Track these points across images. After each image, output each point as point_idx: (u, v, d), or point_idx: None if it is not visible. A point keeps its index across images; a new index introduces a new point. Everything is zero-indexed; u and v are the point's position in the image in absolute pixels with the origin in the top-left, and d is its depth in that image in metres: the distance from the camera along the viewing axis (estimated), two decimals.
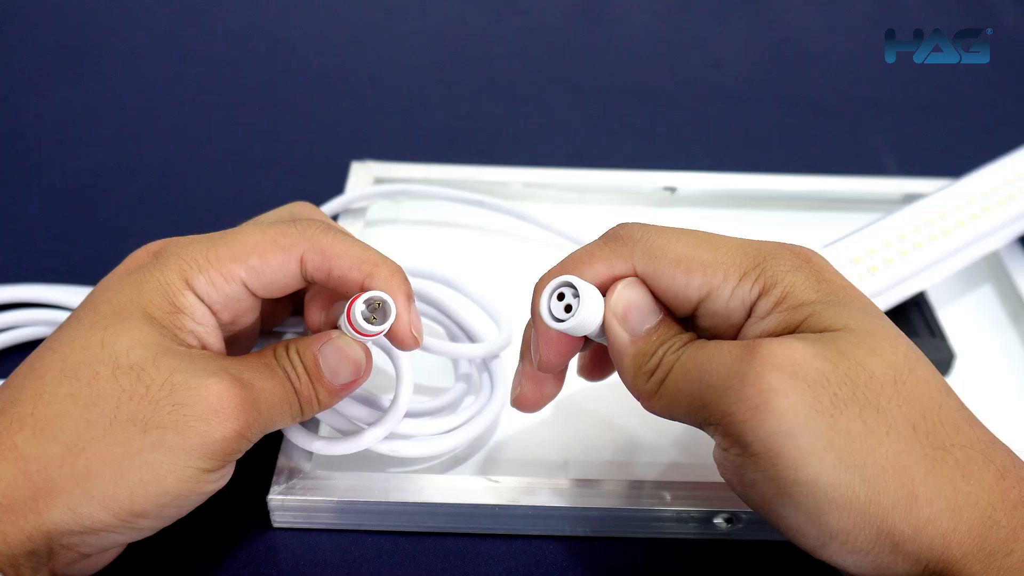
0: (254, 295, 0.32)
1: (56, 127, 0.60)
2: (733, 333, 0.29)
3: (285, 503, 0.34)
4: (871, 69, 0.69)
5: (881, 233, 0.42)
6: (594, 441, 0.39)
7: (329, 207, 0.47)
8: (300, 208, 0.36)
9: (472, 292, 0.41)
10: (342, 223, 0.48)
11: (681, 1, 0.78)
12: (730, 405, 0.26)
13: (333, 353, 0.31)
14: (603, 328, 0.30)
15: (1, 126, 0.60)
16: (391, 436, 0.35)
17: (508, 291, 0.42)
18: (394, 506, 0.35)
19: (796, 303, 0.28)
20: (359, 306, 0.31)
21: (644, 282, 0.30)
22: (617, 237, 0.31)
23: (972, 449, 0.26)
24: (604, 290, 0.30)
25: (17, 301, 0.44)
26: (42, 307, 0.43)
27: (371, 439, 0.34)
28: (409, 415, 0.35)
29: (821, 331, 0.27)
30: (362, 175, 0.51)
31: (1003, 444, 0.27)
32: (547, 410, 0.39)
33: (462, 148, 0.59)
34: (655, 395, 0.29)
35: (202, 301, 0.31)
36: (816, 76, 0.69)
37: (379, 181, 0.51)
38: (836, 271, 0.30)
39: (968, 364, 0.43)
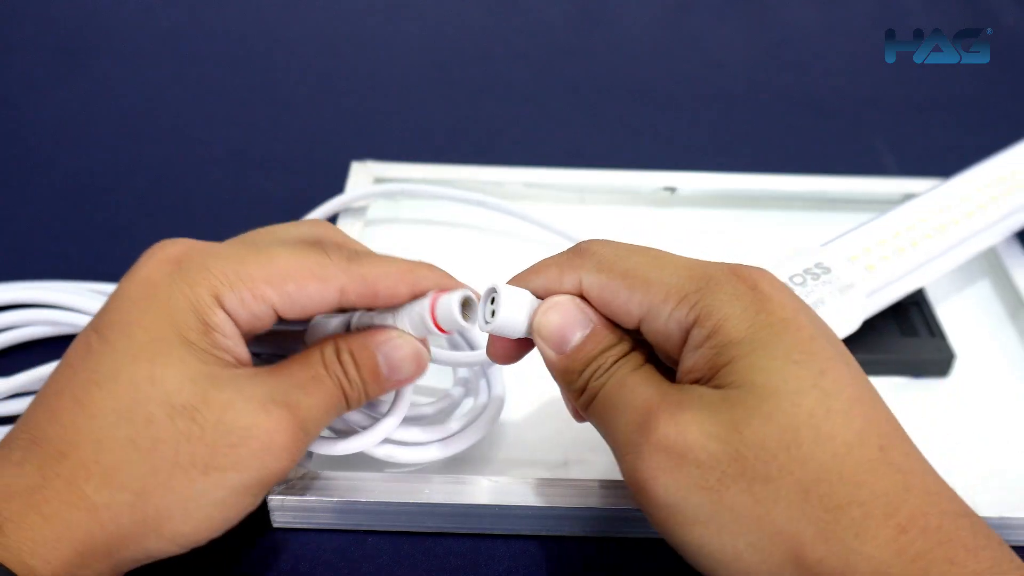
0: (279, 316, 0.31)
1: (56, 127, 0.61)
2: (675, 352, 0.29)
3: (285, 503, 0.34)
4: (871, 69, 0.69)
5: (877, 231, 0.42)
6: (594, 441, 0.39)
7: (329, 207, 0.47)
8: (321, 229, 0.34)
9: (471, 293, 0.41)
10: (342, 223, 0.48)
11: (681, 1, 0.78)
12: (627, 467, 0.28)
13: (397, 352, 0.31)
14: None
15: (0, 126, 0.60)
16: (387, 440, 0.35)
17: None
18: (393, 506, 0.35)
19: (725, 340, 0.28)
20: (453, 306, 0.30)
21: (590, 294, 0.30)
22: (576, 249, 0.32)
23: (871, 504, 0.25)
24: (559, 291, 0.31)
25: (17, 302, 0.44)
26: (42, 307, 0.43)
27: (368, 441, 0.34)
28: (407, 419, 0.35)
29: (734, 384, 0.27)
30: (362, 175, 0.51)
31: (922, 486, 0.25)
32: (547, 410, 0.39)
33: (462, 148, 0.59)
34: (585, 412, 0.31)
35: (230, 318, 0.30)
36: (816, 76, 0.69)
37: (379, 181, 0.51)
38: (784, 297, 0.28)
39: (968, 364, 0.43)
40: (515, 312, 0.30)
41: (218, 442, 0.28)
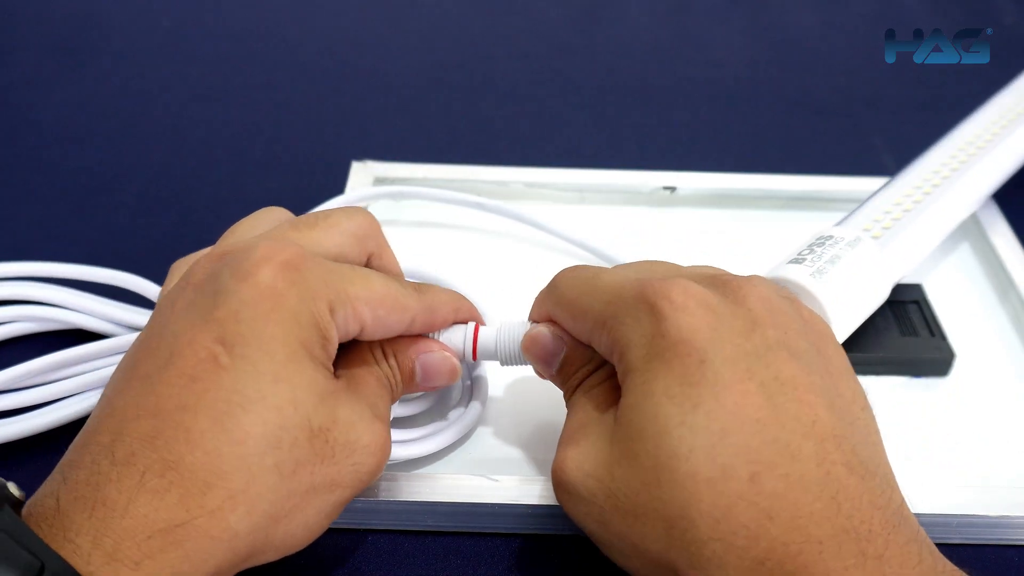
0: (355, 337, 0.31)
1: (56, 126, 0.61)
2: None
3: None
4: (871, 69, 0.69)
5: (871, 209, 0.43)
6: None
7: (328, 207, 0.47)
8: (366, 225, 0.34)
9: (471, 293, 0.41)
10: None
11: (681, 1, 0.78)
12: None
13: (433, 361, 0.34)
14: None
15: (0, 125, 0.60)
16: None
17: (508, 291, 0.42)
18: (393, 504, 0.35)
19: (626, 369, 0.29)
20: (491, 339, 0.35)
21: (558, 323, 0.33)
22: (550, 283, 0.34)
23: (731, 539, 0.25)
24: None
25: (16, 299, 0.44)
26: (42, 305, 0.43)
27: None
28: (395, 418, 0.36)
29: (619, 420, 0.28)
30: (362, 175, 0.51)
31: (791, 511, 0.25)
32: (547, 409, 0.39)
33: (462, 148, 0.59)
34: None
35: (337, 332, 0.30)
36: (816, 76, 0.69)
37: (379, 181, 0.51)
38: (683, 316, 0.28)
39: (968, 364, 0.43)
40: (511, 345, 0.35)
41: (344, 461, 0.29)
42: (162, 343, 0.28)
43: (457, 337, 0.34)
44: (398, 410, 0.37)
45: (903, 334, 0.43)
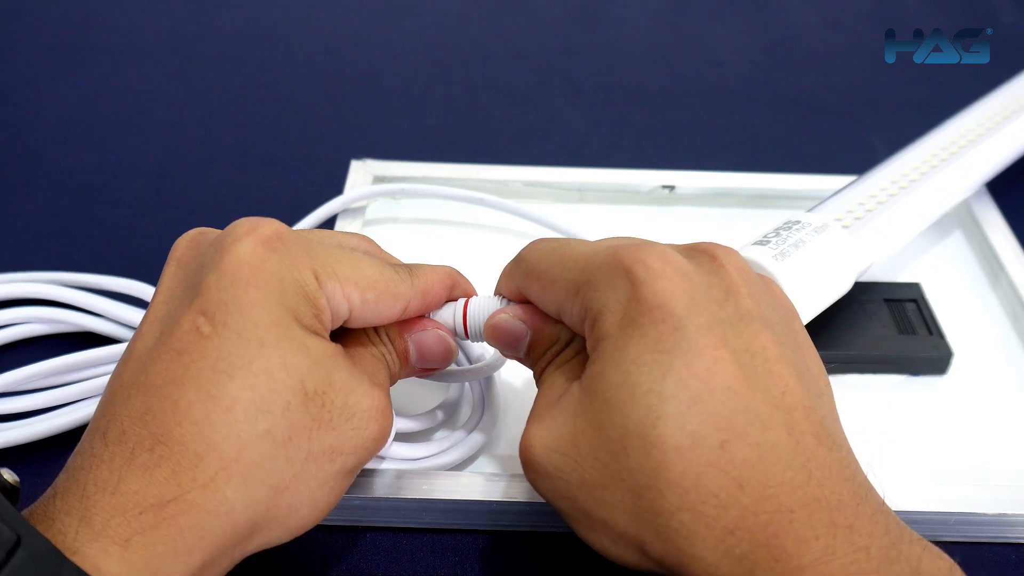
0: (345, 323, 0.31)
1: (56, 126, 0.61)
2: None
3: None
4: (871, 69, 0.69)
5: (842, 200, 0.43)
6: None
7: (328, 207, 0.47)
8: (367, 244, 0.34)
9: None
10: (341, 223, 0.48)
11: (681, 1, 0.78)
12: None
13: (426, 339, 0.33)
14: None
15: (0, 125, 0.60)
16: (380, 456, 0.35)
17: None
18: (392, 502, 0.35)
19: (598, 335, 0.28)
20: (483, 312, 0.34)
21: (526, 296, 0.33)
22: (517, 255, 0.33)
23: (700, 508, 0.25)
24: (520, 300, 0.33)
25: (15, 297, 0.44)
26: (53, 306, 0.43)
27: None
28: (400, 432, 0.37)
29: (586, 389, 0.28)
30: (362, 174, 0.51)
31: (761, 480, 0.25)
32: None
33: (462, 147, 0.60)
34: None
35: (328, 303, 0.29)
36: (816, 76, 0.69)
37: (379, 180, 0.52)
38: (658, 280, 0.27)
39: (966, 362, 0.43)
40: (478, 322, 0.34)
41: (344, 426, 0.28)
42: (153, 323, 0.28)
43: (447, 315, 0.34)
44: (409, 424, 0.37)
45: (901, 333, 0.43)
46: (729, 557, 0.24)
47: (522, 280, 0.32)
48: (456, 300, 0.34)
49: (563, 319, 0.31)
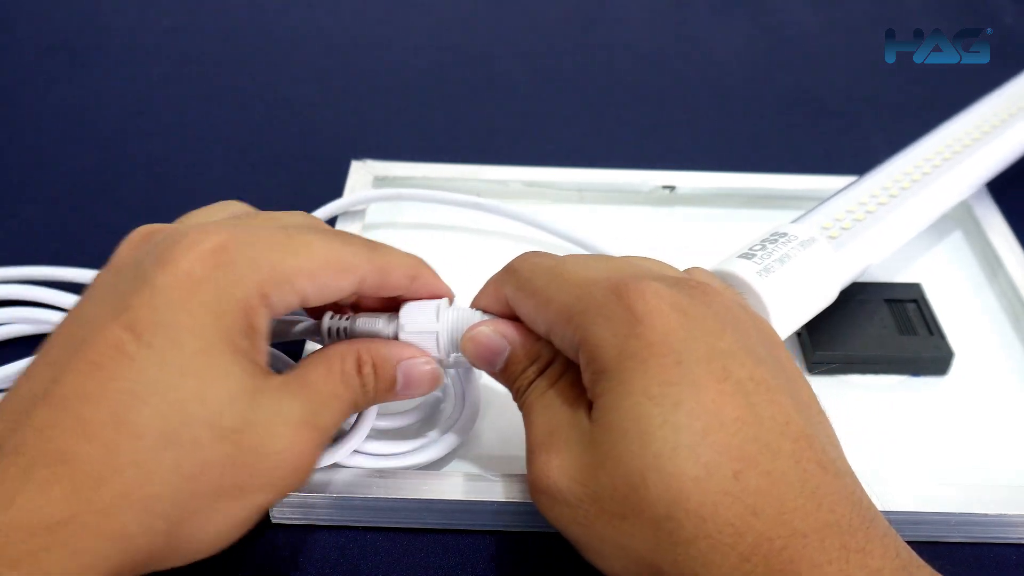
0: (301, 306, 0.31)
1: (55, 125, 0.61)
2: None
3: (284, 499, 0.34)
4: (871, 69, 0.69)
5: (830, 209, 0.43)
6: None
7: (326, 210, 0.47)
8: (310, 219, 0.34)
9: (469, 293, 0.41)
10: (340, 225, 0.48)
11: (680, 1, 0.78)
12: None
13: (417, 370, 0.32)
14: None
15: (0, 124, 0.60)
16: (358, 452, 0.35)
17: None
18: (393, 502, 0.35)
19: (598, 369, 0.28)
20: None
21: (514, 309, 0.32)
22: (507, 266, 0.33)
23: (717, 536, 0.25)
24: (506, 306, 0.33)
25: (13, 300, 0.44)
26: (39, 307, 0.43)
27: (338, 455, 0.35)
28: (380, 430, 0.36)
29: (598, 421, 0.28)
30: (362, 174, 0.51)
31: (776, 506, 0.25)
32: None
33: (462, 148, 0.59)
34: None
35: (270, 316, 0.29)
36: (816, 76, 0.69)
37: (379, 180, 0.52)
38: (659, 317, 0.27)
39: (967, 362, 0.43)
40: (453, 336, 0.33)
41: (256, 466, 0.27)
42: (75, 328, 0.27)
43: (423, 320, 0.33)
44: (390, 423, 0.37)
45: (902, 333, 0.43)
46: None
47: (513, 293, 0.32)
48: (427, 300, 0.33)
49: (552, 339, 0.31)
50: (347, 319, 0.33)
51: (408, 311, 0.33)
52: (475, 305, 0.34)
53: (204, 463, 0.26)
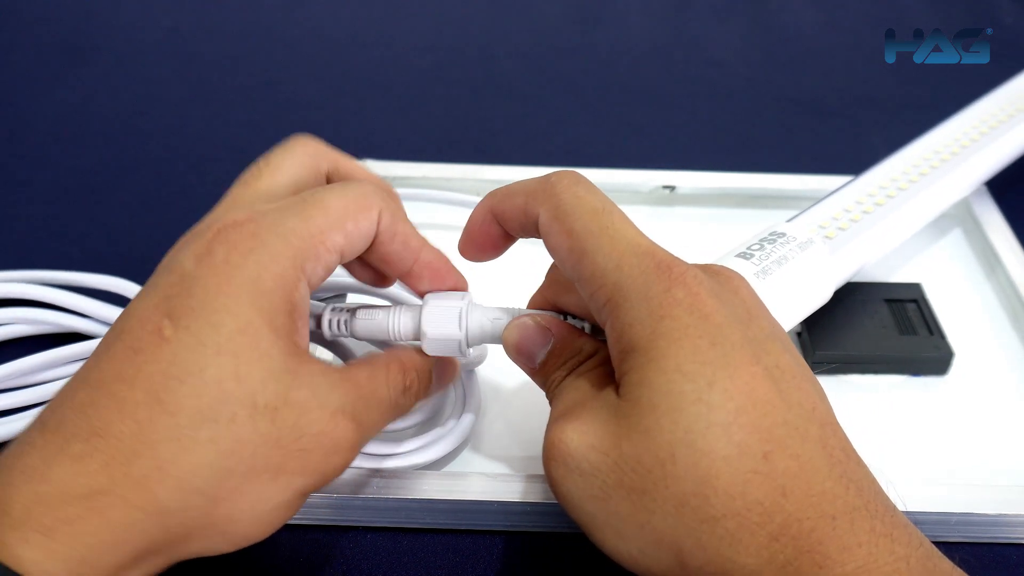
0: (340, 262, 0.31)
1: (56, 126, 0.61)
2: (602, 327, 0.30)
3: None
4: (871, 69, 0.69)
5: (827, 208, 0.43)
6: None
7: None
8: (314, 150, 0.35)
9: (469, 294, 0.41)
10: None
11: (681, 1, 0.78)
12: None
13: (447, 377, 0.35)
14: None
15: (0, 125, 0.60)
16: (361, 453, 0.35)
17: (508, 292, 0.42)
18: (392, 503, 0.35)
19: (627, 347, 0.28)
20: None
21: (542, 233, 0.31)
22: (547, 182, 0.31)
23: (746, 515, 0.25)
24: (526, 223, 0.32)
25: (13, 299, 0.44)
26: (39, 307, 0.43)
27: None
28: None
29: (625, 396, 0.27)
30: None
31: (804, 489, 0.25)
32: (545, 406, 0.39)
33: (462, 148, 0.60)
34: None
35: (309, 289, 0.29)
36: (816, 76, 0.69)
37: None
38: (697, 300, 0.27)
39: (967, 362, 0.43)
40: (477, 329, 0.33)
41: (291, 446, 0.27)
42: (119, 322, 0.28)
43: (448, 317, 0.33)
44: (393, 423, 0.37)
45: (902, 333, 0.43)
46: (772, 564, 0.25)
47: (547, 219, 0.31)
48: (448, 301, 0.33)
49: (577, 284, 0.30)
50: (346, 311, 0.33)
51: (430, 314, 0.33)
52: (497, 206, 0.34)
53: (240, 440, 0.26)
